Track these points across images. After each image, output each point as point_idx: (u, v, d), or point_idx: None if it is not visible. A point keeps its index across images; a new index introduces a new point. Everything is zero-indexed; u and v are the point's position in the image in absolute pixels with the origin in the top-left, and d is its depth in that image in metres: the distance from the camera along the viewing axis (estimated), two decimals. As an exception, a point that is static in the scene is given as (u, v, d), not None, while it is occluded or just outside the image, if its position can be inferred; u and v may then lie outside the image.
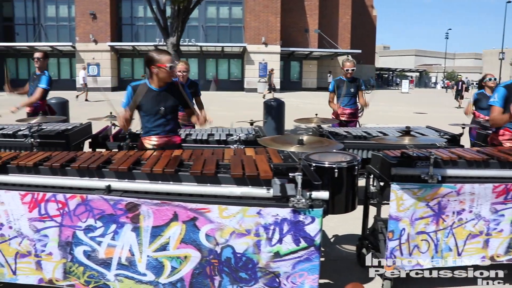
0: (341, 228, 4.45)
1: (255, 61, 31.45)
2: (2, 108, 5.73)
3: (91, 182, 2.68)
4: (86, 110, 14.42)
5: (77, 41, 30.99)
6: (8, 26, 33.38)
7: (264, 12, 31.29)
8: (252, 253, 2.51)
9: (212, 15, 32.91)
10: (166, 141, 3.61)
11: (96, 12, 30.63)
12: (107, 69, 30.95)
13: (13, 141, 4.55)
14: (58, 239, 2.70)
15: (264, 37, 31.19)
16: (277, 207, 2.45)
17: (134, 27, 33.11)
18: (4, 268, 2.88)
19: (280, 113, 7.62)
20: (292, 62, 34.73)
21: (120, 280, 2.69)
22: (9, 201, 2.74)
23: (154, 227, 2.55)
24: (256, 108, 16.13)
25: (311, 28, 33.96)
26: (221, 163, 2.77)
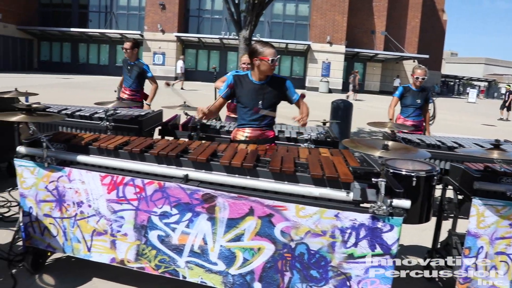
0: (407, 238, 4.31)
1: (319, 60, 31.14)
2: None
3: (169, 170, 2.72)
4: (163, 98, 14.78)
5: (145, 30, 31.89)
6: (83, 13, 34.85)
7: (331, 11, 30.88)
8: (326, 252, 2.48)
9: (278, 11, 32.84)
10: (259, 134, 3.60)
11: (166, 3, 31.37)
12: (172, 58, 31.63)
13: (89, 123, 4.72)
14: (134, 222, 2.78)
15: (329, 36, 30.81)
16: (356, 212, 2.39)
17: (200, 19, 33.62)
18: (80, 244, 3.00)
19: (347, 114, 7.48)
20: (356, 63, 34.07)
21: (190, 267, 2.72)
22: (90, 181, 2.84)
23: (229, 219, 2.56)
24: (318, 107, 15.97)
25: (378, 30, 33.18)
26: (298, 161, 2.73)
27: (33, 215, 3.09)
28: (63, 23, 33.54)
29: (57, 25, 33.35)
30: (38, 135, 2.97)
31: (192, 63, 33.45)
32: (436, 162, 4.46)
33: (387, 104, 6.46)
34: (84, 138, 3.09)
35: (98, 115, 4.74)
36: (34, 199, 3.05)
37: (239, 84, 3.56)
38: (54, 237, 3.07)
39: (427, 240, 3.67)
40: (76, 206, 2.93)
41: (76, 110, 4.93)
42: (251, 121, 3.57)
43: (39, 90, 5.90)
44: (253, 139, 3.56)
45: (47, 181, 2.97)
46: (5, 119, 2.90)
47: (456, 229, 3.32)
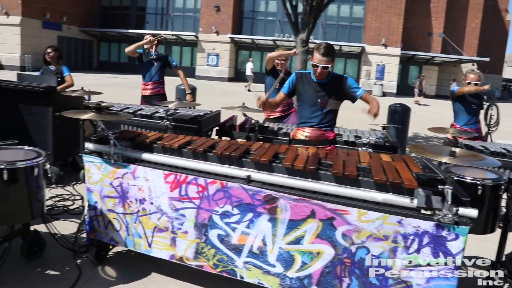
0: (467, 249, 4.14)
1: (373, 62, 30.60)
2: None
3: (231, 170, 2.76)
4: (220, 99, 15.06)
5: (200, 32, 32.47)
6: (140, 15, 35.95)
7: (387, 13, 30.27)
8: (387, 257, 2.43)
9: (332, 13, 32.53)
10: (319, 134, 3.62)
11: (220, 5, 31.80)
12: (226, 60, 32.04)
13: (150, 122, 4.86)
14: (195, 220, 2.84)
15: (384, 38, 30.22)
16: (420, 219, 2.34)
17: (254, 21, 33.84)
18: (141, 239, 3.09)
19: (404, 119, 7.30)
20: (411, 66, 33.23)
21: (248, 268, 2.75)
22: (153, 178, 2.93)
23: (291, 220, 2.56)
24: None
25: (435, 32, 32.18)
26: (359, 165, 2.70)
27: (98, 209, 3.22)
28: (121, 25, 34.73)
29: (115, 26, 34.58)
30: (106, 133, 3.10)
31: (245, 65, 33.74)
32: (501, 171, 4.28)
33: (444, 108, 6.27)
34: (149, 136, 3.19)
35: (159, 114, 4.87)
36: (99, 194, 3.18)
37: (301, 81, 3.61)
38: (117, 231, 3.19)
39: (489, 252, 3.53)
40: (138, 203, 3.03)
41: (138, 109, 5.10)
42: (311, 118, 3.58)
43: (99, 89, 6.13)
44: (313, 139, 3.56)
45: (112, 178, 3.08)
46: (76, 116, 3.04)
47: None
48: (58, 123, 5.01)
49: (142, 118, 4.92)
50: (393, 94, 29.65)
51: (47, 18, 30.14)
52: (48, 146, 4.99)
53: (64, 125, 5.04)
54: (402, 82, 32.57)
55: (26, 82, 5.40)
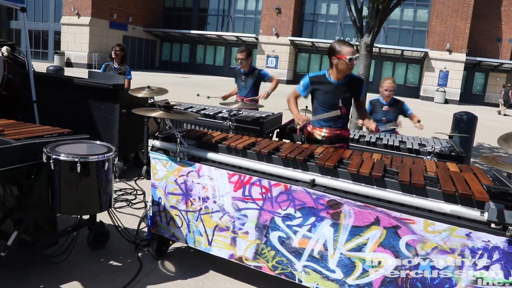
0: None
1: (436, 68, 29.60)
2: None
3: (295, 173, 2.76)
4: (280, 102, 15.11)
5: (260, 33, 32.70)
6: (202, 16, 36.73)
7: (453, 17, 29.18)
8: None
9: (395, 16, 31.78)
10: (336, 134, 3.66)
11: (281, 7, 31.88)
12: (285, 62, 32.08)
13: (212, 122, 4.96)
14: (257, 221, 2.86)
15: (449, 44, 29.16)
16: (490, 233, 2.23)
17: (314, 24, 33.68)
18: (202, 237, 3.15)
19: (470, 128, 7.01)
20: (477, 73, 31.85)
21: (307, 272, 2.73)
22: (218, 178, 2.97)
23: (354, 226, 2.53)
24: (435, 118, 15.22)
25: (505, 38, 30.70)
26: (426, 175, 2.62)
27: (161, 205, 3.31)
28: (183, 26, 35.62)
29: (178, 27, 35.51)
30: (172, 131, 3.18)
31: (304, 67, 33.63)
32: None
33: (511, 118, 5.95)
34: (214, 136, 3.25)
35: (222, 114, 4.95)
36: (163, 191, 3.27)
37: (316, 84, 3.60)
38: (178, 227, 3.27)
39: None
40: (201, 201, 3.09)
41: (201, 108, 5.21)
42: (329, 119, 3.61)
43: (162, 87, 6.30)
44: (330, 138, 3.63)
45: (177, 175, 3.16)
46: (146, 114, 3.15)
47: None
48: (124, 120, 5.20)
49: (206, 118, 5.01)
50: (456, 102, 28.53)
51: (114, 19, 31.52)
52: (114, 141, 5.19)
53: (128, 121, 5.23)
54: (466, 89, 31.30)
55: (96, 79, 5.65)
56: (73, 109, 5.39)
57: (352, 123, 6.34)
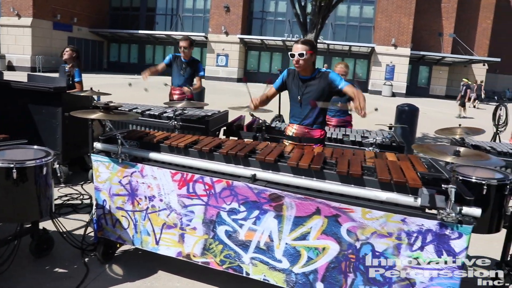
0: (473, 248, 4.13)
1: (382, 62, 30.48)
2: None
3: (237, 169, 2.79)
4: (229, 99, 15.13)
5: (210, 32, 32.54)
6: (150, 16, 36.16)
7: (397, 13, 30.13)
8: (391, 254, 2.45)
9: (342, 13, 32.46)
10: (304, 132, 3.65)
11: (230, 5, 31.85)
12: (235, 60, 32.08)
13: (158, 122, 4.91)
14: (203, 216, 2.88)
15: (394, 39, 30.08)
16: (423, 218, 2.35)
17: (263, 21, 33.87)
18: (149, 236, 3.13)
19: (412, 119, 7.28)
20: (421, 67, 33.03)
21: (254, 264, 2.78)
22: (161, 177, 2.97)
23: (296, 217, 2.59)
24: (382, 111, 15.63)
25: (446, 32, 31.98)
26: (365, 165, 2.71)
27: (106, 208, 3.26)
28: (131, 26, 34.95)
29: (125, 27, 34.80)
30: (114, 132, 3.14)
31: (254, 65, 33.76)
32: (508, 171, 4.26)
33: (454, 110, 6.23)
34: (156, 136, 3.23)
35: (167, 114, 4.92)
36: (107, 193, 3.22)
37: (290, 78, 3.66)
38: (125, 229, 3.23)
39: (495, 252, 3.52)
40: (148, 200, 3.07)
41: (146, 109, 5.15)
42: (296, 116, 3.66)
43: (109, 89, 6.19)
44: (298, 136, 3.64)
45: (121, 176, 3.12)
46: (84, 116, 3.09)
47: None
48: (67, 123, 5.07)
49: (150, 118, 4.96)
50: (403, 95, 29.47)
51: (57, 19, 30.41)
52: (57, 146, 5.05)
53: (73, 125, 5.10)
54: (412, 82, 32.41)
55: (36, 82, 5.47)
56: (13, 115, 5.20)
57: None
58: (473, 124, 14.44)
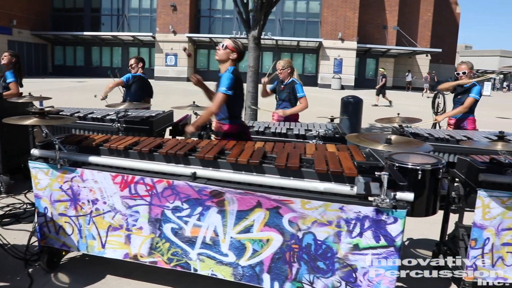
0: (416, 232, 4.33)
1: (331, 56, 31.06)
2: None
3: (177, 168, 2.79)
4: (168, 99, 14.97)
5: (157, 32, 32.10)
6: (95, 17, 35.25)
7: (342, 7, 30.77)
8: (332, 242, 2.53)
9: (289, 9, 32.82)
10: (218, 127, 3.82)
11: (177, 4, 31.53)
12: (184, 59, 31.79)
13: (101, 125, 4.82)
14: (148, 216, 2.87)
15: (340, 33, 30.70)
16: (360, 205, 2.44)
17: (211, 19, 33.75)
18: (95, 240, 3.09)
19: (357, 110, 7.48)
20: (368, 59, 33.91)
21: (201, 259, 2.80)
22: (102, 180, 2.93)
23: (239, 211, 2.63)
24: (330, 104, 15.98)
25: (390, 25, 32.95)
26: (304, 157, 2.78)
27: (48, 215, 3.18)
28: (76, 27, 33.96)
29: (70, 29, 33.79)
30: (51, 138, 3.06)
31: (204, 63, 33.59)
32: (446, 156, 4.45)
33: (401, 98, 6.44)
34: (95, 139, 3.18)
35: (110, 117, 4.83)
36: (48, 200, 3.14)
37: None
38: (69, 235, 3.17)
39: (437, 234, 3.69)
40: (91, 204, 3.03)
41: (89, 112, 5.04)
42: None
43: (54, 94, 6.03)
44: (216, 130, 3.86)
45: (61, 182, 3.06)
46: (19, 122, 3.00)
47: (463, 222, 3.32)
48: (5, 131, 4.89)
49: (93, 122, 4.87)
50: (352, 87, 30.13)
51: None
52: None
53: (12, 132, 4.93)
54: (360, 75, 33.21)
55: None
56: None
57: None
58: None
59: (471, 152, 3.87)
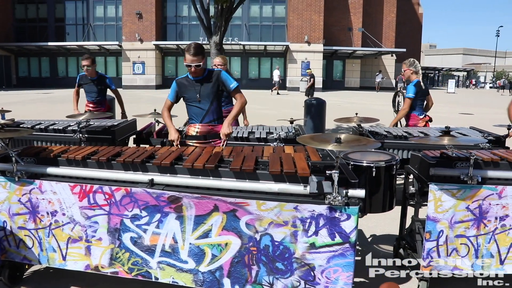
0: (379, 228, 4.45)
1: (298, 59, 31.38)
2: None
3: (135, 176, 2.82)
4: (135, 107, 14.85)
5: (124, 40, 31.83)
6: (60, 27, 34.72)
7: (307, 11, 31.16)
8: (289, 242, 2.58)
9: (255, 14, 33.05)
10: (208, 129, 3.91)
11: (142, 12, 31.35)
12: (152, 67, 31.64)
13: (63, 136, 4.79)
14: (107, 226, 2.88)
15: (307, 36, 31.08)
16: (314, 204, 2.50)
17: (178, 26, 33.67)
18: (55, 253, 3.07)
19: (320, 112, 7.62)
20: (335, 61, 34.43)
21: (162, 267, 2.82)
22: (60, 191, 2.93)
23: (197, 216, 2.67)
24: (296, 107, 16.15)
25: (355, 27, 33.55)
26: (260, 160, 2.85)
27: (7, 229, 3.15)
28: (39, 38, 33.34)
29: (33, 40, 33.17)
30: (7, 150, 3.04)
31: (172, 71, 33.49)
32: (399, 153, 4.60)
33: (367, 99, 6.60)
34: (54, 150, 3.17)
35: (72, 127, 4.81)
36: (7, 213, 3.12)
37: (181, 86, 3.91)
38: (29, 248, 3.14)
39: (397, 229, 3.81)
40: (50, 216, 3.01)
41: (50, 124, 4.99)
42: (197, 115, 3.92)
43: (18, 106, 5.98)
44: (204, 134, 3.90)
45: (20, 194, 3.04)
46: (-28, 136, 2.97)
47: (419, 216, 3.44)
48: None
49: (55, 133, 4.83)
50: (320, 89, 30.45)
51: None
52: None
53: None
54: (328, 77, 33.64)
55: None
56: None
57: None
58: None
59: (423, 148, 4.01)
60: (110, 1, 33.66)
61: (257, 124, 5.97)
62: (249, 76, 33.27)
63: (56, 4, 34.46)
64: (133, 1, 31.27)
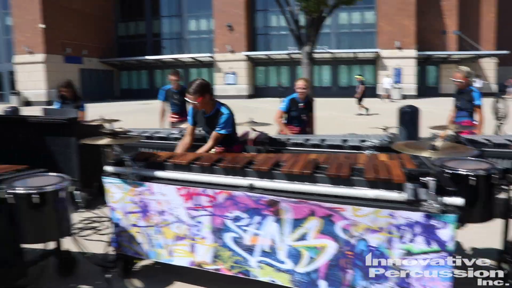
0: (480, 241, 4.28)
1: (389, 66, 30.59)
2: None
3: (235, 180, 3.02)
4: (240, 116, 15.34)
5: (216, 52, 33.08)
6: (156, 41, 36.99)
7: (398, 16, 30.29)
8: (385, 248, 2.62)
9: (344, 21, 32.78)
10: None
11: (233, 24, 32.38)
12: (243, 77, 32.51)
13: (166, 143, 5.18)
14: (211, 226, 3.11)
15: (398, 42, 30.22)
16: (409, 211, 2.52)
17: (268, 37, 34.34)
18: (163, 249, 3.36)
19: (414, 120, 7.46)
20: (429, 67, 33.05)
21: (261, 266, 2.98)
22: (168, 193, 3.21)
23: (294, 219, 2.80)
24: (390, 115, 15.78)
25: (449, 30, 32.02)
26: (355, 167, 2.92)
27: (122, 226, 3.50)
28: (139, 52, 35.70)
29: (133, 54, 35.57)
30: (123, 156, 3.39)
31: (262, 80, 34.12)
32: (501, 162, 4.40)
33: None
34: (161, 156, 3.48)
35: (174, 135, 5.18)
36: (122, 211, 3.47)
37: (197, 113, 4.26)
38: (140, 244, 3.46)
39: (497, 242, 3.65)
40: (159, 215, 3.31)
41: (154, 132, 5.42)
42: None
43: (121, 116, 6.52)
44: None
45: (133, 195, 3.37)
46: (94, 142, 3.36)
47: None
48: (84, 151, 5.35)
49: (159, 140, 5.23)
50: (414, 96, 29.35)
51: (68, 53, 31.32)
52: (75, 173, 5.32)
53: (89, 152, 5.37)
54: (422, 83, 32.33)
55: (51, 115, 5.79)
56: (32, 147, 5.51)
57: None
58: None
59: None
60: (202, 15, 35.20)
61: (348, 132, 5.99)
62: (339, 84, 33.00)
63: (154, 20, 36.87)
64: (224, 14, 32.43)
